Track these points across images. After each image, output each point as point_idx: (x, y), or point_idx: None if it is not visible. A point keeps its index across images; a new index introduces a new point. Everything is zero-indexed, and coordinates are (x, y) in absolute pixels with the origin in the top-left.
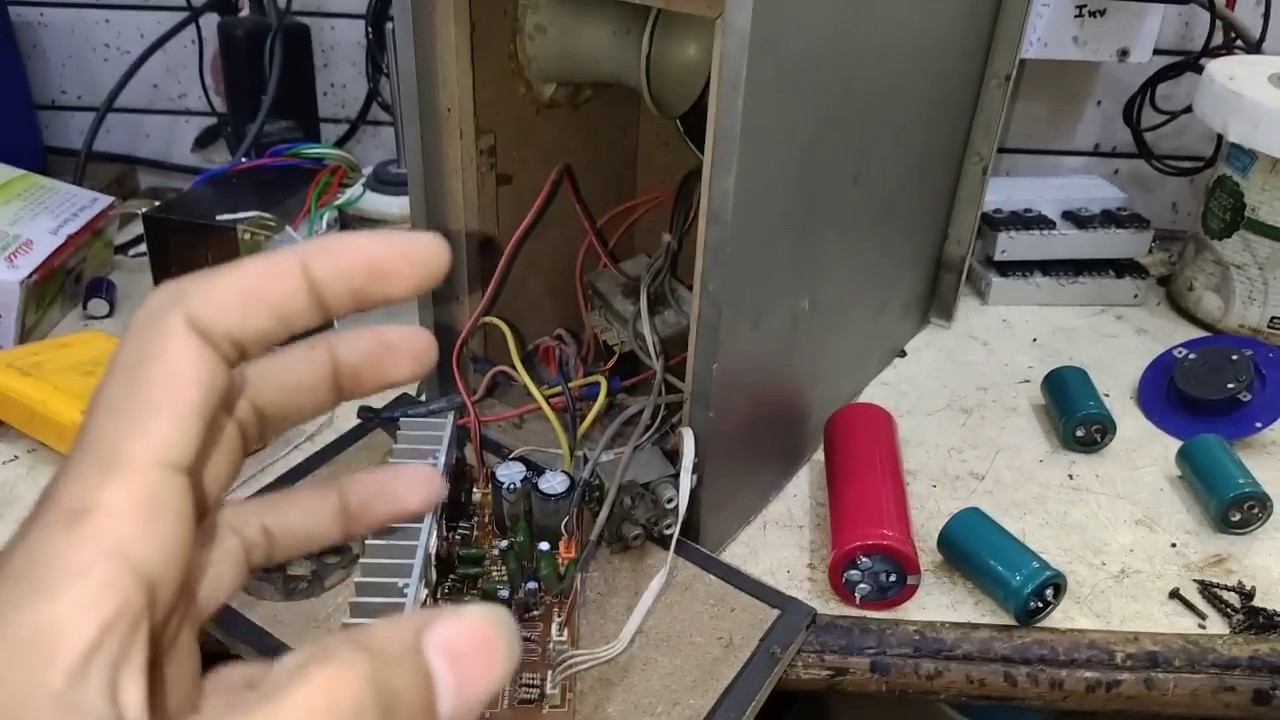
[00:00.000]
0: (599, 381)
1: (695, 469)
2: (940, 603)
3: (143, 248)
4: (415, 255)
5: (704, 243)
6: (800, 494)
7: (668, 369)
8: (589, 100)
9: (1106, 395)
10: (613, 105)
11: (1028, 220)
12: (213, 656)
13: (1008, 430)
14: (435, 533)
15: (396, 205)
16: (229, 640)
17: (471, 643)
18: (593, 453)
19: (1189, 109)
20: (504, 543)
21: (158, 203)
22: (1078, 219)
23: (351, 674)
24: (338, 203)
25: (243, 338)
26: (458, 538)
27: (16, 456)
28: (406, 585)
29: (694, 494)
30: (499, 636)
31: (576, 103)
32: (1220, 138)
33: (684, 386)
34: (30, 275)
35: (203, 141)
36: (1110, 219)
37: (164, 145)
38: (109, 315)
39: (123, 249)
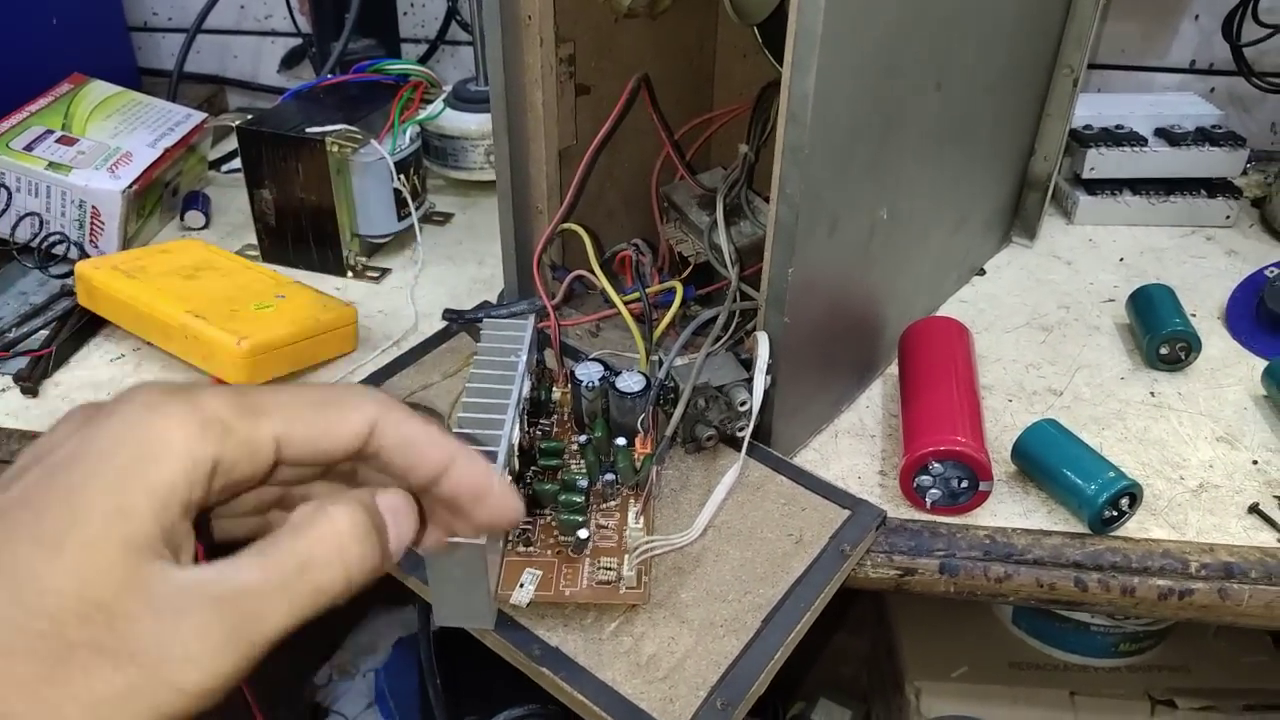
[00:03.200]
0: (675, 288)
1: (769, 371)
2: (1013, 510)
3: (234, 164)
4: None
5: (782, 145)
6: (873, 405)
7: (742, 278)
8: (667, 10)
9: (1193, 315)
10: (691, 15)
11: (1118, 137)
12: None
13: (1089, 348)
14: (518, 427)
15: (475, 122)
16: None
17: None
18: (668, 356)
19: None
20: (583, 437)
21: (249, 116)
22: (1170, 136)
23: (359, 508)
24: (419, 117)
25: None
26: (539, 433)
27: (123, 354)
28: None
29: (767, 397)
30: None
31: (654, 12)
32: None
33: (758, 295)
34: (131, 185)
35: (288, 62)
36: (1205, 136)
37: (251, 66)
38: (205, 226)
39: (215, 164)
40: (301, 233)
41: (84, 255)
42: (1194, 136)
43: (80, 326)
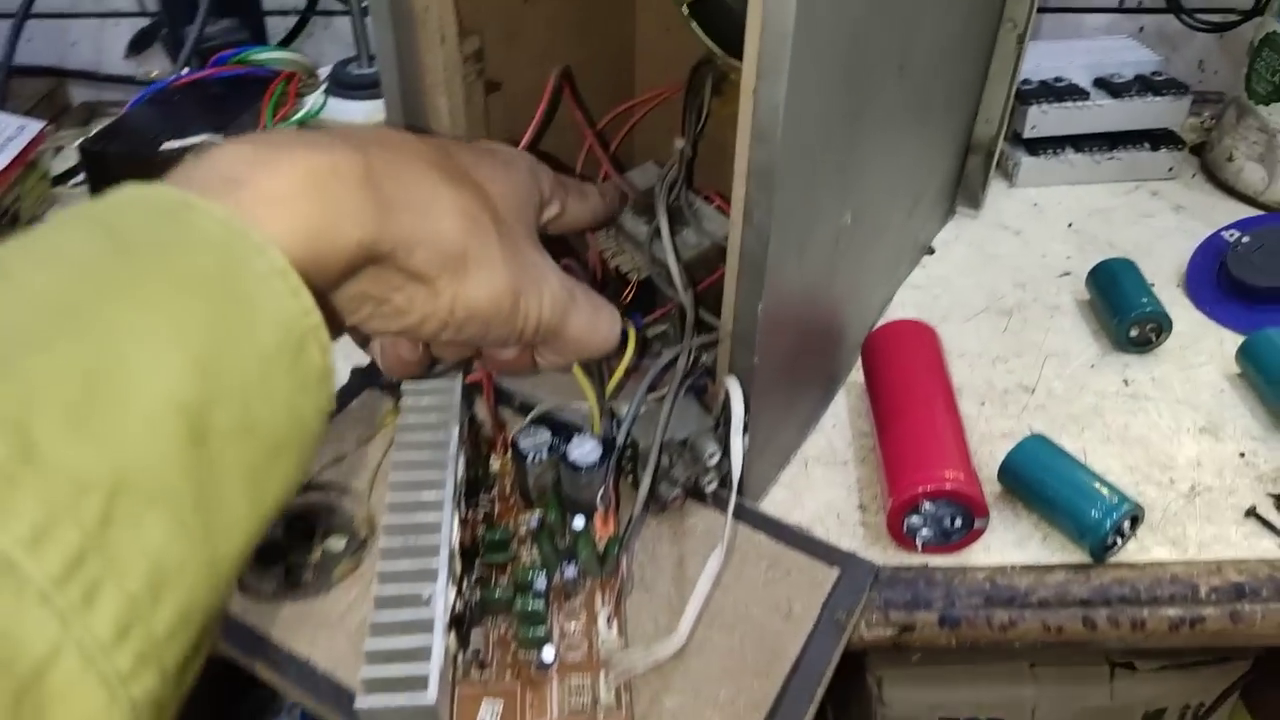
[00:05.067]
0: (624, 329)
1: (745, 427)
2: (1005, 540)
3: (83, 176)
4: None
5: (747, 166)
6: (839, 423)
7: (695, 299)
8: None
9: (1152, 284)
10: None
11: (1059, 91)
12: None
13: (1053, 332)
14: (457, 523)
15: (362, 112)
16: (228, 650)
17: None
18: (623, 407)
19: None
20: (533, 519)
21: (94, 130)
22: (1111, 87)
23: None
24: (297, 116)
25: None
26: (480, 515)
27: None
28: (432, 595)
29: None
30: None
31: None
32: None
33: (715, 320)
34: None
35: (137, 45)
36: (1146, 85)
37: (94, 53)
38: None
39: (61, 179)
40: None
41: None
42: (1135, 86)
43: None
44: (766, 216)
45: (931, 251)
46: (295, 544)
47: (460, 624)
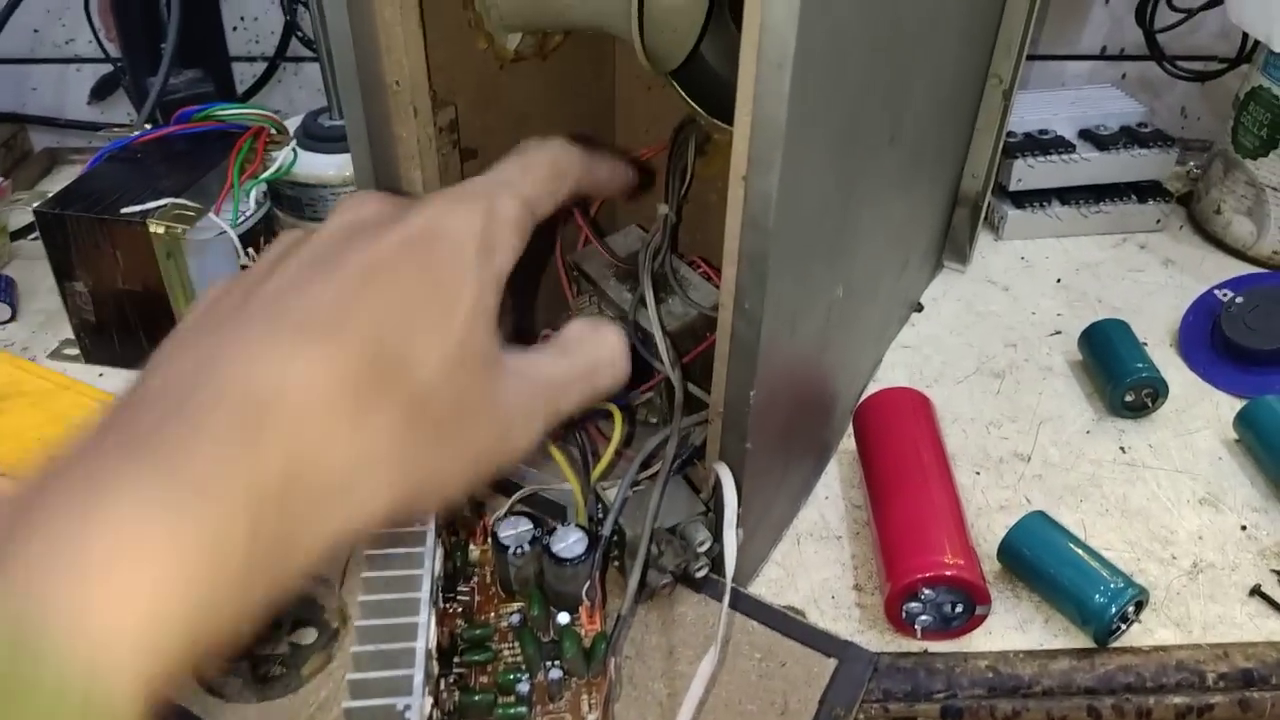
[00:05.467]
0: (612, 413)
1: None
2: (1006, 623)
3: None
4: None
5: (738, 253)
6: (832, 495)
7: (683, 373)
8: (559, 47)
9: (1145, 343)
10: (583, 47)
11: (1045, 144)
12: None
13: (1046, 395)
14: (434, 624)
15: (334, 166)
16: None
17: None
18: (608, 493)
19: (1210, 4)
20: (515, 615)
21: (52, 191)
22: (1097, 139)
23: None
24: (265, 175)
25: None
26: (458, 609)
27: None
28: (408, 708)
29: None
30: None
31: (544, 52)
32: (1245, 37)
33: (704, 396)
34: None
35: (99, 92)
36: (1133, 138)
37: (55, 98)
38: (11, 319)
39: (19, 234)
40: (129, 326)
41: None
42: (1122, 139)
43: None
44: (759, 303)
45: (920, 308)
46: (262, 635)
47: None
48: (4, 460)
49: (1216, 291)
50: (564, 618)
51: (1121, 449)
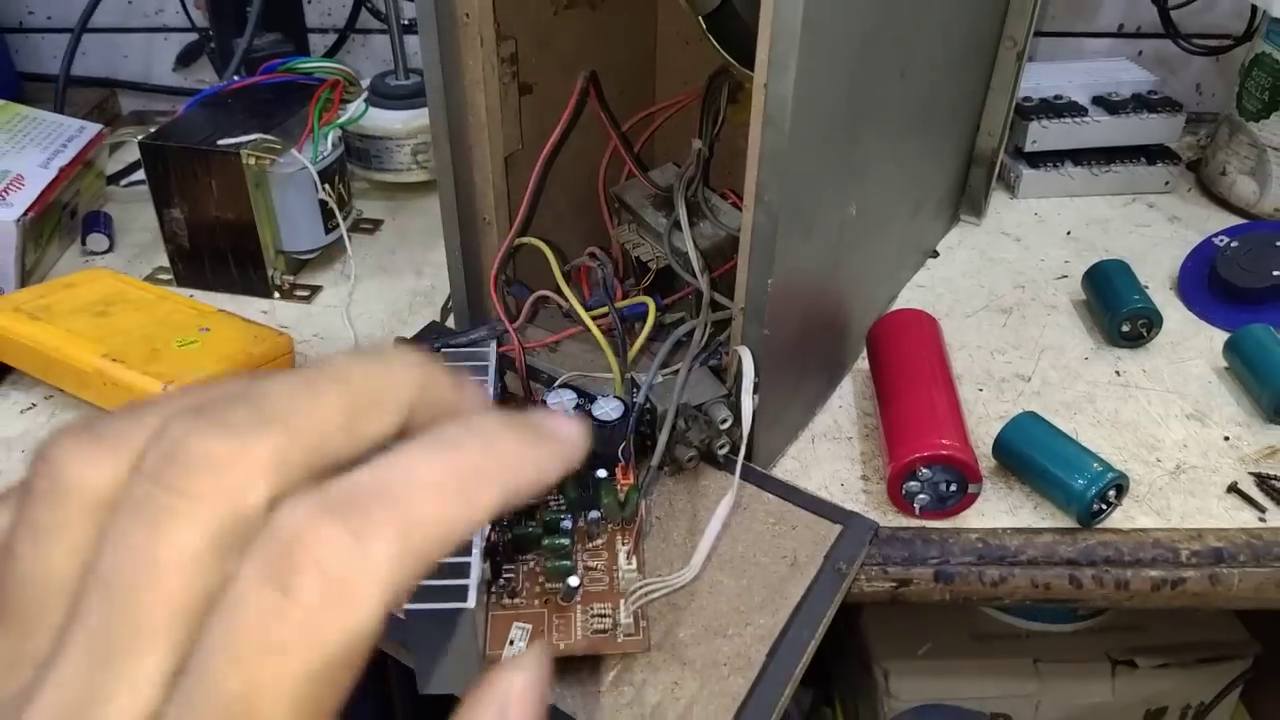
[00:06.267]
0: (645, 303)
1: (754, 388)
2: (999, 509)
3: (136, 176)
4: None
5: (759, 151)
6: (846, 405)
7: (712, 284)
8: None
9: (1146, 286)
10: (630, 1)
11: (1059, 108)
12: None
13: (1050, 329)
14: None
15: (399, 120)
16: None
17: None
18: (642, 376)
19: None
20: None
21: (151, 129)
22: (1109, 104)
23: None
24: (340, 121)
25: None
26: None
27: (34, 404)
28: (469, 564)
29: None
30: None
31: (595, 1)
32: (1255, 11)
33: (732, 305)
34: (26, 212)
35: (184, 59)
36: (1142, 103)
37: (143, 65)
38: (109, 249)
39: (114, 178)
40: (220, 253)
41: None
42: (1132, 104)
43: None
44: (776, 197)
45: (936, 255)
46: None
47: (494, 555)
48: (115, 350)
49: (1215, 239)
50: (602, 472)
51: (1117, 373)
